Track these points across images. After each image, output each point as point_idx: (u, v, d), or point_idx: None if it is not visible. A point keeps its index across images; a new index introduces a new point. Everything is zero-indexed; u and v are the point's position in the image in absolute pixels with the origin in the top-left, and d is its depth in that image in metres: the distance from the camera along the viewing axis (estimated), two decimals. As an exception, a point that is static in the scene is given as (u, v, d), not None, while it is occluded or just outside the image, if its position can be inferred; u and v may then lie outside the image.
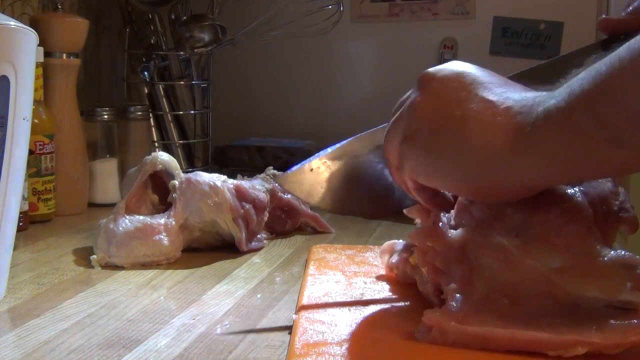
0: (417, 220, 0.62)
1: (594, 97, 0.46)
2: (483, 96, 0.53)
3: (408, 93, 0.58)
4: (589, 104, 0.46)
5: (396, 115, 0.58)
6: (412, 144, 0.55)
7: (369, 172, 0.67)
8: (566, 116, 0.47)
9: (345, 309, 0.57)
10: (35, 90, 0.80)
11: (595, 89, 0.46)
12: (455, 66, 0.56)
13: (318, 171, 0.68)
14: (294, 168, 0.69)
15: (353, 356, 0.49)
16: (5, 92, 0.59)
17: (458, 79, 0.55)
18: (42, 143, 0.94)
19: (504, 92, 0.53)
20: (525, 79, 0.56)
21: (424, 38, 1.35)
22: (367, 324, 0.55)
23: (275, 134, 1.35)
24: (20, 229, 0.84)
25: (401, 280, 0.64)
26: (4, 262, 0.63)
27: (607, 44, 0.60)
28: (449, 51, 1.34)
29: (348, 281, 0.66)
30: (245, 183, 0.84)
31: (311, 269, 0.69)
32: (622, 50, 0.45)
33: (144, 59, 1.27)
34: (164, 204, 0.82)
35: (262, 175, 0.92)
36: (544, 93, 0.50)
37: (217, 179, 0.80)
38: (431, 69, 0.57)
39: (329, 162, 0.67)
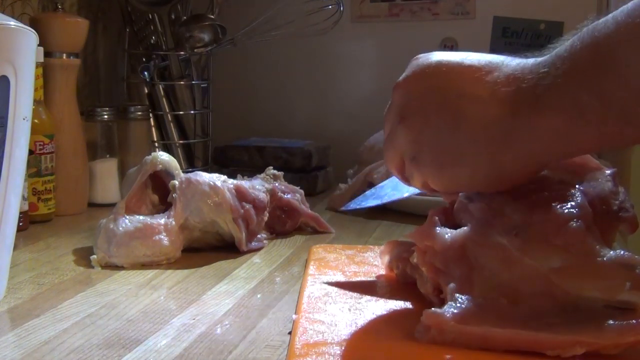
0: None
1: (598, 76, 0.46)
2: (468, 80, 0.52)
3: (390, 102, 0.58)
4: (594, 83, 0.46)
5: (388, 133, 0.58)
6: (419, 165, 0.55)
7: None
8: (572, 97, 0.47)
9: (345, 309, 0.58)
10: (35, 90, 0.80)
11: (597, 66, 0.45)
12: (421, 65, 0.56)
13: None
14: None
15: (353, 356, 0.50)
16: (5, 92, 0.59)
17: (432, 76, 0.54)
18: (42, 143, 0.94)
19: (490, 69, 0.52)
20: None
21: (424, 38, 1.35)
22: (367, 324, 0.55)
23: (275, 134, 1.35)
24: (20, 229, 0.84)
25: (401, 280, 0.64)
26: (4, 262, 0.63)
27: None
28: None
29: (348, 281, 0.66)
30: (245, 183, 0.84)
31: (311, 269, 0.69)
32: (619, 14, 0.45)
33: (144, 59, 1.27)
34: (164, 204, 0.82)
35: (262, 175, 0.92)
36: (538, 65, 0.49)
37: (217, 179, 0.80)
38: (402, 79, 0.56)
39: None
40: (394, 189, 0.75)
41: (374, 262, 0.71)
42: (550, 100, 0.48)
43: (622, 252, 0.50)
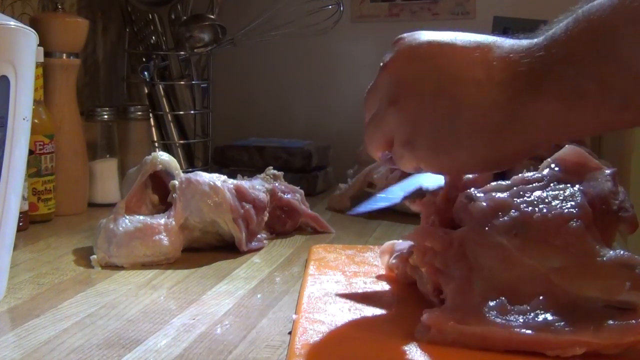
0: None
1: (597, 61, 0.45)
2: (464, 62, 0.52)
3: (375, 81, 0.57)
4: (593, 69, 0.45)
5: (373, 114, 0.57)
6: (414, 149, 0.54)
7: None
8: (571, 83, 0.46)
9: (345, 309, 0.58)
10: (35, 90, 0.80)
11: (596, 50, 0.45)
12: (411, 45, 0.54)
13: None
14: None
15: (353, 356, 0.50)
16: (5, 92, 0.59)
17: (424, 57, 0.53)
18: (42, 143, 0.94)
19: (484, 50, 0.52)
20: None
21: (424, 38, 1.35)
22: (367, 324, 0.55)
23: (275, 134, 1.35)
24: (20, 229, 0.84)
25: (401, 280, 0.64)
26: (4, 262, 0.63)
27: None
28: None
29: (348, 281, 0.66)
30: (245, 183, 0.84)
31: (311, 269, 0.69)
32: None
33: (144, 59, 1.27)
34: (164, 204, 0.82)
35: (262, 175, 0.92)
36: (533, 48, 0.49)
37: (217, 179, 0.80)
38: (390, 60, 0.55)
39: None
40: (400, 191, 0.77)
41: (374, 262, 0.71)
42: (548, 86, 0.48)
43: (622, 252, 0.50)
